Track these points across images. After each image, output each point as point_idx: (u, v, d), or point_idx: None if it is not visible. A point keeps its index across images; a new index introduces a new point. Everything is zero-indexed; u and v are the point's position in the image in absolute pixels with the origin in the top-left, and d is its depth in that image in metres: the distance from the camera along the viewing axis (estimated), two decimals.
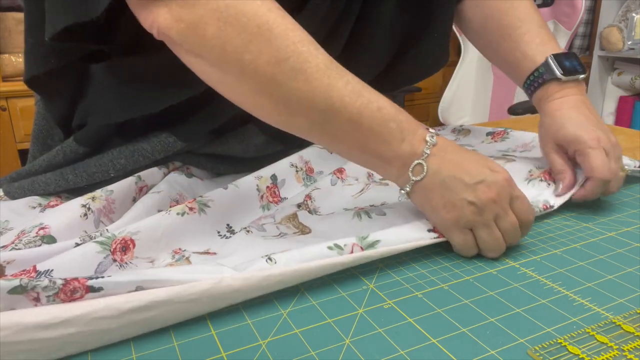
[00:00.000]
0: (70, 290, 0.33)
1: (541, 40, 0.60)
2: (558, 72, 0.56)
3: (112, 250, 0.41)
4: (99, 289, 0.33)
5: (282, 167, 0.58)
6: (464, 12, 0.68)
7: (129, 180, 0.53)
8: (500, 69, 0.66)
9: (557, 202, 0.53)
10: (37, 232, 0.43)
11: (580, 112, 0.55)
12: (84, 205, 0.48)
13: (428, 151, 0.43)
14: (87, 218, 0.47)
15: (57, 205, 0.53)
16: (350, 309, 0.37)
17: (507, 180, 0.44)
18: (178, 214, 0.46)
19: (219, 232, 0.48)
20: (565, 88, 0.57)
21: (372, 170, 0.47)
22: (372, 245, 0.42)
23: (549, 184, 0.55)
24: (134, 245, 0.43)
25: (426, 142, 0.43)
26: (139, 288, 0.34)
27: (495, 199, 0.42)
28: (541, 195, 0.54)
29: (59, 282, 0.33)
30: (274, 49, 0.41)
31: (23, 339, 0.31)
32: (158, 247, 0.44)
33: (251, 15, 0.41)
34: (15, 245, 0.42)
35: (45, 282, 0.33)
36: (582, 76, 0.57)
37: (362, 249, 0.41)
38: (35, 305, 0.33)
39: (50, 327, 0.31)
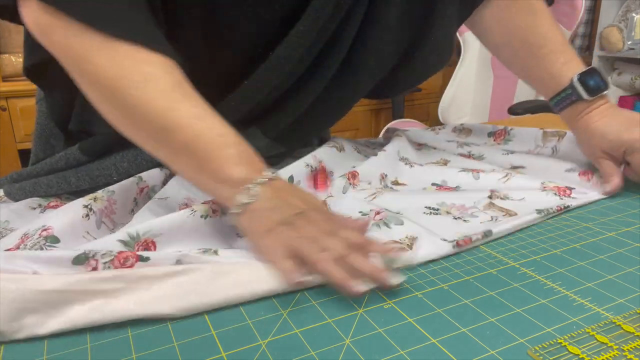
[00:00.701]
0: (124, 258, 0.39)
1: (564, 59, 0.63)
2: (584, 94, 0.61)
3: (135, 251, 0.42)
4: (147, 259, 0.39)
5: (298, 169, 0.59)
6: (485, 24, 0.69)
7: (130, 181, 0.53)
8: (527, 84, 0.70)
9: (573, 203, 0.55)
10: (40, 234, 0.43)
11: (613, 118, 0.59)
12: (85, 206, 0.48)
13: (262, 180, 0.42)
14: (89, 219, 0.47)
15: (57, 205, 0.54)
16: (350, 309, 0.37)
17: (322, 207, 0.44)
18: (202, 216, 0.46)
19: (237, 234, 0.49)
20: (592, 104, 0.61)
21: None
22: None
23: (562, 199, 0.56)
24: (155, 248, 0.43)
25: (263, 175, 0.42)
26: (178, 262, 0.40)
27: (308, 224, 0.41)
28: (551, 201, 0.55)
29: (114, 251, 0.39)
30: (115, 64, 0.42)
31: (77, 288, 0.35)
32: (180, 249, 0.44)
33: (95, 31, 0.42)
34: (21, 250, 0.42)
35: (103, 250, 0.38)
36: (606, 92, 0.61)
37: None
38: None
39: (104, 281, 0.36)
